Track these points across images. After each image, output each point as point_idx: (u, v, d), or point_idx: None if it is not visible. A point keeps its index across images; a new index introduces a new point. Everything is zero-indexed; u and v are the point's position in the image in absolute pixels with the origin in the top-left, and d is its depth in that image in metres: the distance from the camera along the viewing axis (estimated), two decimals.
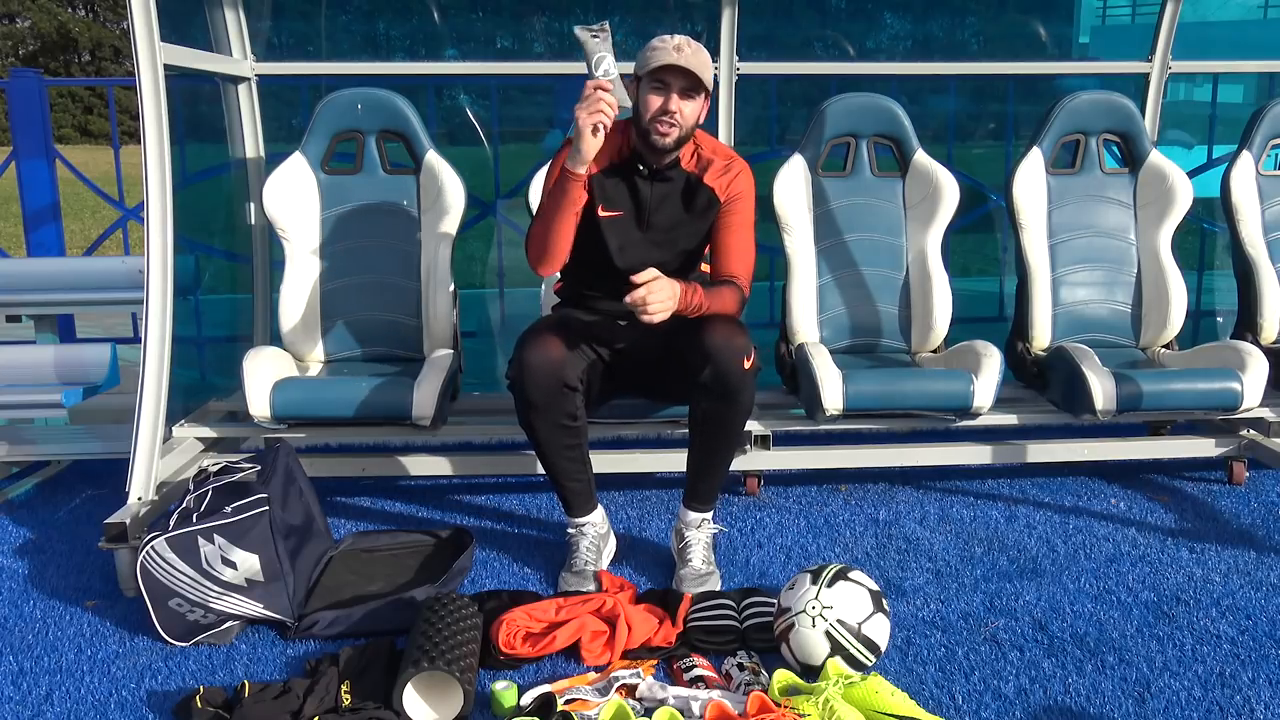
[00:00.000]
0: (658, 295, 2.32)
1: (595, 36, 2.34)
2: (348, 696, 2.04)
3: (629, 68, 2.44)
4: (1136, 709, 2.07)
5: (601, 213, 2.58)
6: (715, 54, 3.44)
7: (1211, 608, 2.48)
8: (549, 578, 2.69)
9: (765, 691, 2.04)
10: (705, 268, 2.87)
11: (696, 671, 2.15)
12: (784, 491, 3.28)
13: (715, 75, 3.42)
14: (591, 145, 2.35)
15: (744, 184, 2.63)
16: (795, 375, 3.13)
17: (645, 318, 2.33)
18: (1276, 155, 3.48)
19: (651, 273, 2.34)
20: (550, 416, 2.49)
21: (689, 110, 2.48)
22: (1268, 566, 2.70)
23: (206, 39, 3.36)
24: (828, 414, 2.90)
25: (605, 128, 2.34)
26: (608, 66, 2.32)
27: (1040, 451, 3.23)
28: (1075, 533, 2.94)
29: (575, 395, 2.49)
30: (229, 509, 2.34)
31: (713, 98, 3.45)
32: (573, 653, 2.26)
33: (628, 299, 2.32)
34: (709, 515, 2.68)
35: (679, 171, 2.60)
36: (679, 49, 2.41)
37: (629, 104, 2.36)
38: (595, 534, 2.68)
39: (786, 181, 3.26)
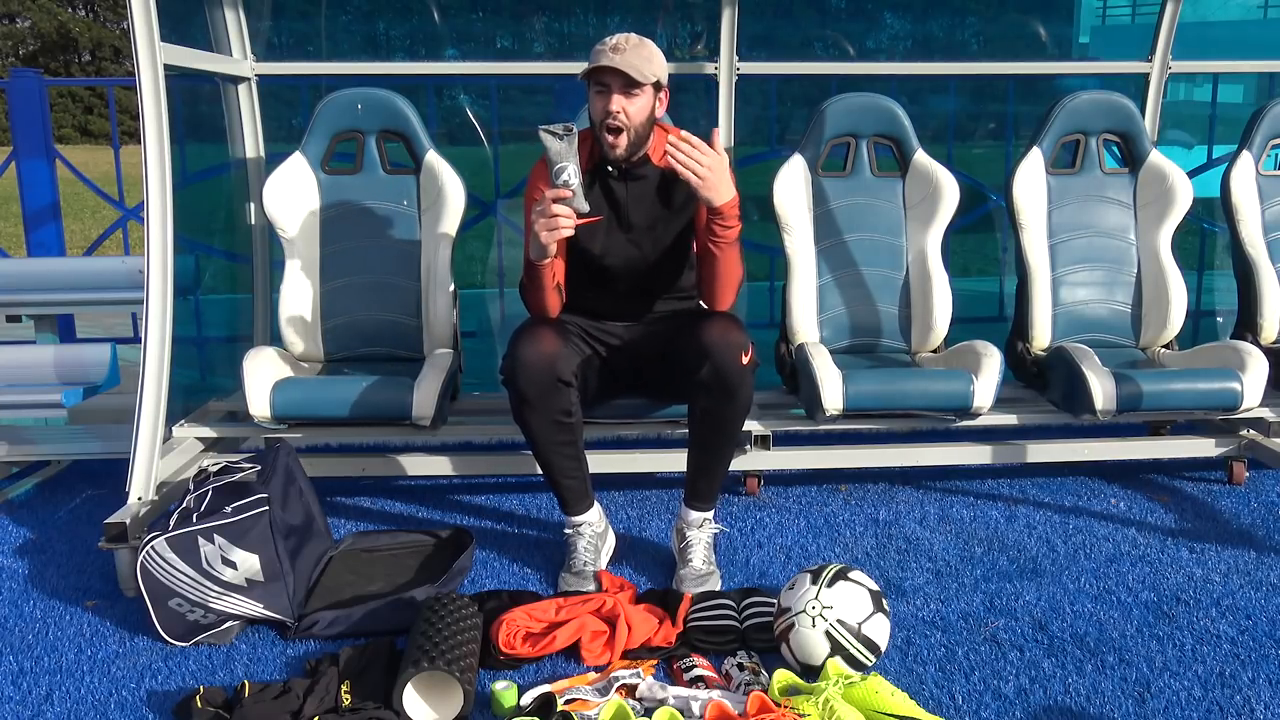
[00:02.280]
0: (712, 160, 2.33)
1: (561, 139, 2.31)
2: (348, 696, 2.04)
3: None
4: (1136, 709, 2.07)
5: (579, 220, 2.58)
6: (715, 54, 3.44)
7: (1211, 608, 2.48)
8: (549, 578, 2.69)
9: (765, 691, 2.04)
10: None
11: (696, 671, 2.15)
12: (784, 491, 3.28)
13: (715, 74, 3.44)
14: (551, 248, 2.41)
15: None
16: (795, 375, 3.13)
17: (686, 166, 2.31)
18: (1276, 155, 3.48)
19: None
20: (544, 412, 2.49)
21: (634, 109, 2.47)
22: (1268, 566, 2.70)
23: (206, 39, 3.36)
24: (828, 414, 2.90)
25: (564, 237, 2.36)
26: (568, 177, 2.30)
27: (1040, 451, 3.23)
28: (1075, 533, 2.94)
29: (570, 390, 2.48)
30: (229, 509, 2.34)
31: (713, 98, 3.47)
32: (573, 653, 2.26)
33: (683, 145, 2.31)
34: (710, 515, 2.68)
35: (652, 168, 2.60)
36: (616, 49, 2.42)
37: (586, 208, 2.35)
38: (592, 533, 2.68)
39: (786, 181, 3.26)
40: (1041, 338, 3.34)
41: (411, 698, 2.02)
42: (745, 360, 2.45)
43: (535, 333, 2.47)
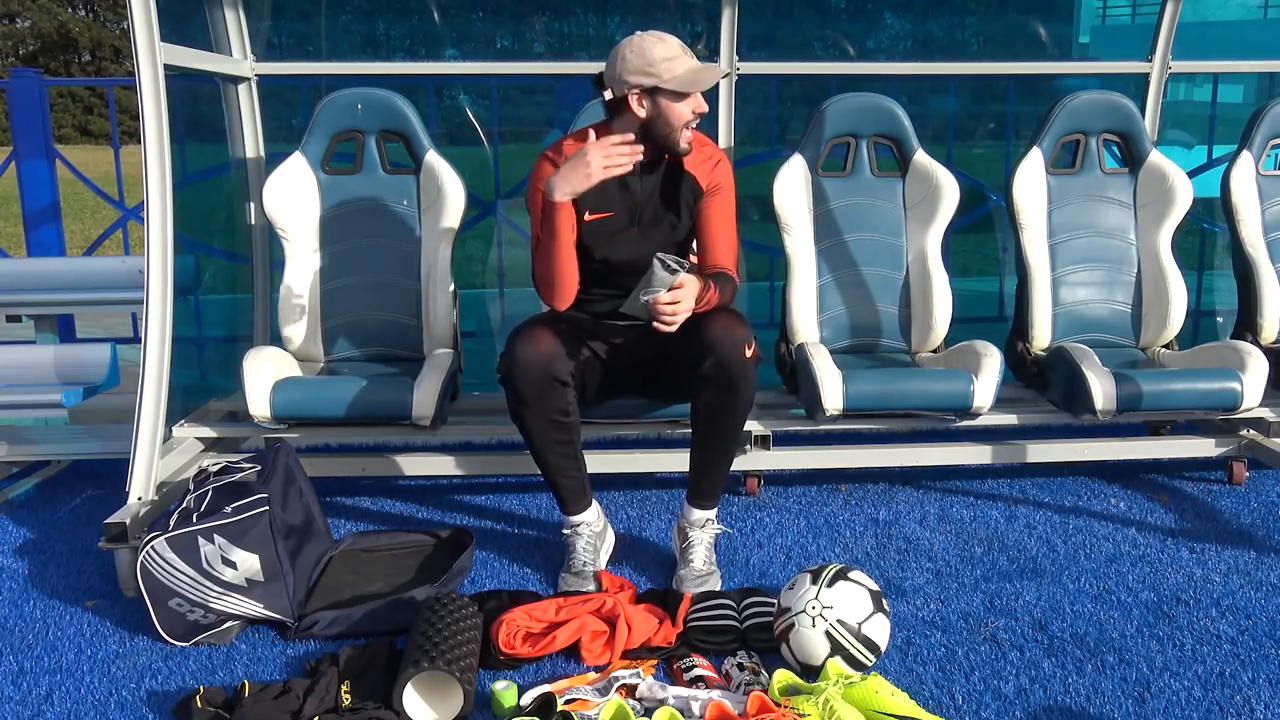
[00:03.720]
0: (686, 303, 2.33)
1: (672, 273, 2.29)
2: (348, 696, 2.04)
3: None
4: (1136, 709, 2.07)
5: (589, 217, 2.58)
6: (715, 54, 3.44)
7: (1211, 608, 2.48)
8: (549, 578, 2.69)
9: (765, 691, 2.04)
10: (694, 258, 2.86)
11: (696, 671, 2.15)
12: (784, 491, 3.28)
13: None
14: (584, 186, 2.36)
15: (724, 174, 2.64)
16: (795, 375, 3.13)
17: (666, 328, 2.33)
18: (1276, 155, 3.48)
19: (683, 283, 2.32)
20: (541, 411, 2.49)
21: None
22: (1268, 566, 2.70)
23: (206, 39, 3.36)
24: (828, 414, 2.90)
25: (613, 174, 2.34)
26: (650, 296, 2.30)
27: (1040, 451, 3.22)
28: (1075, 533, 2.94)
29: (566, 390, 2.48)
30: (229, 509, 2.34)
31: (713, 98, 3.47)
32: (573, 653, 2.26)
33: (657, 307, 2.30)
34: (713, 515, 2.67)
35: (666, 165, 2.60)
36: (686, 51, 2.44)
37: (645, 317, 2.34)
38: (591, 533, 2.68)
39: (786, 181, 3.26)
40: (1041, 338, 3.34)
41: (411, 698, 2.02)
42: (749, 353, 2.45)
43: (532, 332, 2.47)
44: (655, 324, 2.33)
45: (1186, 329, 3.39)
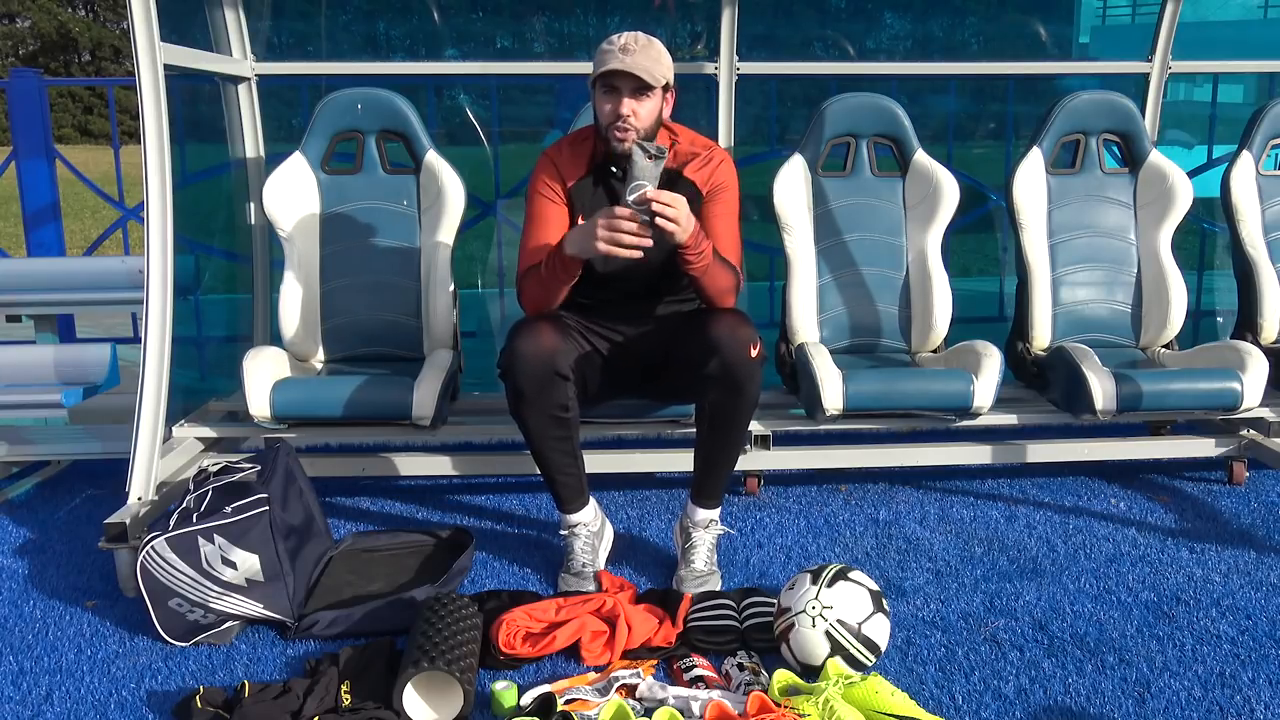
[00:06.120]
0: (682, 210, 2.27)
1: (652, 159, 2.25)
2: (348, 696, 2.04)
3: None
4: (1136, 709, 2.07)
5: (582, 222, 2.58)
6: (715, 54, 3.44)
7: (1211, 608, 2.48)
8: (549, 578, 2.69)
9: (765, 691, 2.04)
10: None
11: (696, 671, 2.15)
12: (784, 491, 3.28)
13: (715, 74, 3.44)
14: (589, 255, 2.36)
15: (726, 174, 2.62)
16: (795, 375, 3.13)
17: (669, 226, 2.26)
18: (1276, 155, 3.48)
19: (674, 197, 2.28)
20: (541, 406, 2.48)
21: (644, 111, 2.46)
22: (1268, 566, 2.70)
23: (206, 39, 3.36)
24: (828, 414, 2.90)
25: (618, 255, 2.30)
26: (641, 196, 2.24)
27: (1040, 451, 3.23)
28: (1075, 533, 2.94)
29: (567, 385, 2.47)
30: (229, 509, 2.34)
31: (713, 98, 3.47)
32: (573, 653, 2.26)
33: (653, 203, 2.23)
34: (716, 515, 2.67)
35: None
36: (625, 49, 2.40)
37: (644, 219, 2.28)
38: (588, 533, 2.67)
39: (786, 181, 3.26)
40: (1041, 338, 3.34)
41: (411, 698, 2.02)
42: (754, 353, 2.44)
43: (534, 327, 2.47)
44: (658, 224, 2.26)
45: (1186, 329, 3.39)
